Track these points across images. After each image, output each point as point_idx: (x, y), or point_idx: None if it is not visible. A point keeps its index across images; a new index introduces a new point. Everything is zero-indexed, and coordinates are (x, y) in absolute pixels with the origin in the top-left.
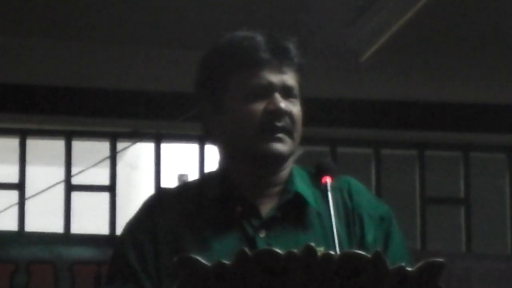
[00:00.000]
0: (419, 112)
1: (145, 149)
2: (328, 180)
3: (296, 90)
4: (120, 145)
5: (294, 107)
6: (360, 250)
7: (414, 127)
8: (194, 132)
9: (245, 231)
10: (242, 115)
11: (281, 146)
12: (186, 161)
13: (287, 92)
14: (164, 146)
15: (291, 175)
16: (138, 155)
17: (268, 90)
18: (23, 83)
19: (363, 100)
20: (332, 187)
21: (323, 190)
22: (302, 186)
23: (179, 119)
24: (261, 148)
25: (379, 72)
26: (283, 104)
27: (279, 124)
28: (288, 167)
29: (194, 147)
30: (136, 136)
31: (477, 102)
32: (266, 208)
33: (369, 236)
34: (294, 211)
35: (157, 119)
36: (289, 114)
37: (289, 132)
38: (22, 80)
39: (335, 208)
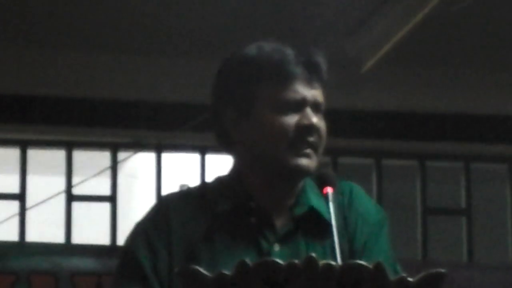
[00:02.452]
0: (420, 122)
1: (146, 159)
2: (329, 190)
3: (323, 106)
4: (121, 155)
5: (322, 123)
6: (350, 255)
7: (415, 137)
8: (195, 142)
9: (259, 245)
10: (273, 127)
11: (309, 162)
12: (187, 171)
13: (317, 108)
14: (165, 156)
15: (303, 186)
16: (139, 165)
17: (301, 104)
18: (23, 93)
19: (364, 110)
20: (334, 191)
21: (326, 199)
22: (315, 198)
23: (180, 129)
24: (289, 162)
25: (380, 83)
26: (315, 119)
27: (310, 139)
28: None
29: (195, 157)
30: (137, 146)
31: (478, 113)
32: (280, 221)
33: (358, 242)
34: (308, 225)
35: (158, 129)
36: (318, 130)
37: (317, 148)
38: (22, 90)
39: (337, 217)
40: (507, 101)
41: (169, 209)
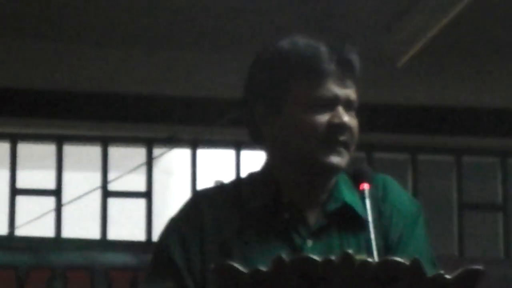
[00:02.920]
0: (456, 117)
1: (181, 155)
2: (366, 187)
3: (356, 104)
4: (156, 151)
5: (354, 121)
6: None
7: (451, 132)
8: (231, 138)
9: (292, 240)
10: (305, 125)
11: (340, 160)
12: (222, 167)
13: (349, 106)
14: (200, 152)
15: (336, 181)
16: (174, 161)
17: (333, 102)
18: (58, 89)
19: (400, 105)
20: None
21: (361, 195)
22: (348, 193)
23: (215, 125)
24: (320, 160)
25: (416, 78)
26: (347, 118)
27: (342, 138)
28: None
29: (230, 153)
30: (172, 142)
31: None
32: (313, 216)
33: (393, 234)
34: (341, 220)
35: (193, 125)
36: (350, 128)
37: (348, 147)
38: (58, 86)
39: (372, 211)
40: None
41: (202, 205)
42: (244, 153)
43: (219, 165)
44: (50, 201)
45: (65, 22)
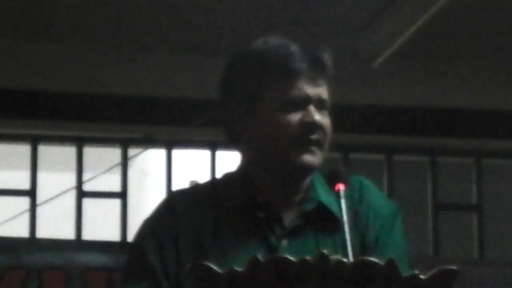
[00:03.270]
0: (431, 118)
1: (156, 155)
2: (341, 187)
3: (328, 103)
4: (131, 152)
5: (326, 120)
6: (361, 249)
7: (426, 133)
8: (206, 139)
9: (268, 240)
10: (277, 125)
11: (313, 159)
12: (197, 167)
13: (321, 105)
14: (176, 153)
15: (312, 182)
16: (149, 162)
17: (304, 102)
18: (34, 89)
19: (375, 106)
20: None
21: (337, 196)
22: (323, 193)
23: (191, 125)
24: (293, 160)
25: (392, 78)
26: (318, 117)
27: (313, 137)
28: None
29: (205, 154)
30: (148, 142)
31: (490, 109)
32: (288, 216)
33: (371, 235)
34: (316, 220)
35: (169, 125)
36: (322, 127)
37: (321, 145)
38: (33, 86)
39: (348, 212)
40: None
41: (176, 206)
42: (220, 154)
43: (195, 166)
44: (25, 201)
45: (37, 22)
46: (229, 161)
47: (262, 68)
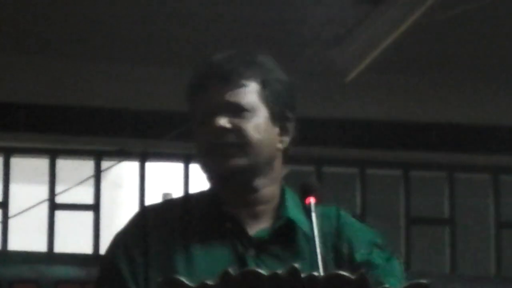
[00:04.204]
0: (404, 132)
1: (129, 167)
2: (312, 200)
3: (249, 105)
4: (104, 164)
5: (243, 122)
6: (349, 270)
7: (399, 147)
8: (179, 151)
9: (236, 250)
10: (197, 138)
11: (228, 163)
12: (170, 180)
13: (234, 109)
14: (149, 165)
15: (283, 198)
16: (122, 174)
17: (211, 111)
18: (6, 101)
19: (348, 119)
20: (320, 214)
21: (308, 210)
22: (294, 210)
23: (164, 138)
24: (211, 168)
25: (365, 92)
26: (223, 121)
27: (220, 141)
28: (272, 185)
29: (178, 166)
30: (121, 154)
31: (462, 123)
32: (255, 227)
33: (358, 256)
34: (285, 235)
35: (142, 138)
36: (232, 130)
37: (238, 147)
38: (5, 98)
39: (321, 233)
40: (491, 111)
41: (147, 220)
42: (193, 166)
43: (168, 178)
44: None
45: (10, 34)
46: (203, 173)
47: (189, 83)
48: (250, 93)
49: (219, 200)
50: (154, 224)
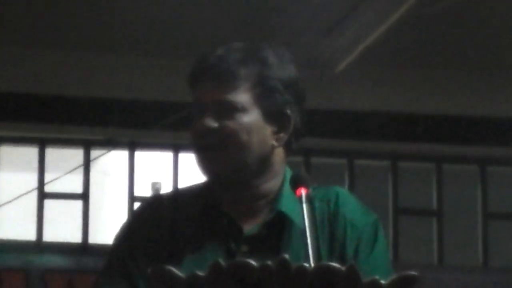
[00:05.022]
0: (392, 123)
1: (118, 157)
2: (302, 192)
3: (240, 104)
4: (93, 153)
5: (232, 122)
6: (340, 262)
7: (387, 138)
8: (168, 141)
9: (228, 246)
10: (190, 134)
11: (213, 165)
12: (159, 169)
13: (224, 109)
14: (138, 154)
15: (280, 191)
16: (111, 163)
17: (201, 109)
18: None
19: (337, 110)
20: (318, 198)
21: (314, 198)
22: (290, 202)
23: (153, 128)
24: (200, 168)
25: (354, 84)
26: (208, 122)
27: (204, 142)
28: (271, 180)
29: (168, 155)
30: (110, 144)
31: (450, 114)
32: (251, 223)
33: (350, 249)
34: (278, 229)
35: (131, 127)
36: (217, 130)
37: (222, 148)
38: None
39: (319, 221)
40: (478, 102)
41: (146, 214)
42: (182, 156)
43: (157, 168)
44: None
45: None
46: (192, 163)
47: (188, 76)
48: (242, 93)
49: (213, 196)
50: (152, 219)
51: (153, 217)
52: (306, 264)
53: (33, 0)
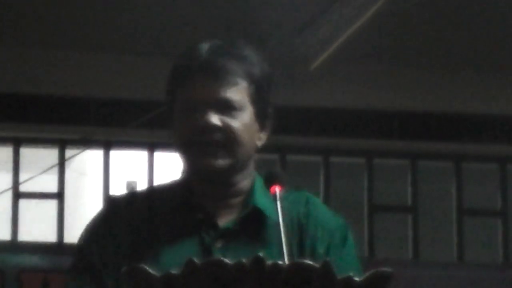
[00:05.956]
0: (367, 120)
1: (94, 156)
2: (277, 189)
3: (237, 102)
4: (68, 152)
5: (232, 120)
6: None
7: (362, 135)
8: (144, 139)
9: (203, 241)
10: (179, 131)
11: (215, 161)
12: (135, 168)
13: (225, 106)
14: (113, 153)
15: (252, 186)
16: (87, 162)
17: (199, 105)
18: None
19: (312, 107)
20: (289, 200)
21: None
22: (263, 198)
23: (128, 126)
24: (196, 163)
25: (328, 80)
26: (214, 118)
27: (209, 139)
28: (248, 178)
29: (143, 154)
30: (85, 143)
31: (424, 111)
32: (226, 219)
33: (320, 248)
34: (253, 224)
35: (106, 126)
36: (222, 128)
37: (224, 146)
38: None
39: (289, 221)
40: (454, 99)
41: (116, 211)
42: (158, 155)
43: (132, 167)
44: None
45: None
46: (167, 162)
47: (173, 71)
48: (239, 91)
49: (190, 192)
50: (123, 215)
51: (124, 213)
52: (280, 262)
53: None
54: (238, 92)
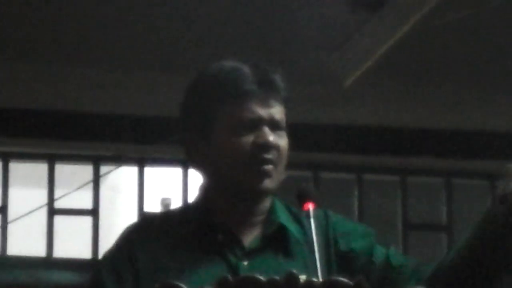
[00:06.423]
0: (401, 137)
1: (128, 172)
2: (310, 206)
3: (283, 123)
4: (103, 169)
5: (281, 140)
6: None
7: (396, 152)
8: (177, 156)
9: (228, 260)
10: (231, 148)
11: (268, 181)
12: (169, 185)
13: (275, 125)
14: (147, 170)
15: (273, 205)
16: (121, 179)
17: (257, 123)
18: (5, 106)
19: (346, 125)
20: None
21: (304, 216)
22: (283, 215)
23: (162, 143)
24: (248, 183)
25: (363, 98)
26: (272, 137)
27: (266, 156)
28: (270, 196)
29: (177, 171)
30: (119, 159)
31: (460, 129)
32: (249, 237)
33: (357, 245)
34: (277, 241)
35: (140, 143)
36: (276, 147)
37: (275, 165)
38: (5, 103)
39: (318, 236)
40: (489, 117)
41: (133, 236)
42: (191, 171)
43: (166, 183)
44: None
45: (6, 40)
46: (201, 178)
47: (213, 92)
48: (283, 112)
49: (212, 211)
50: (147, 237)
51: (144, 237)
52: (314, 279)
53: (41, 15)
54: (282, 113)
